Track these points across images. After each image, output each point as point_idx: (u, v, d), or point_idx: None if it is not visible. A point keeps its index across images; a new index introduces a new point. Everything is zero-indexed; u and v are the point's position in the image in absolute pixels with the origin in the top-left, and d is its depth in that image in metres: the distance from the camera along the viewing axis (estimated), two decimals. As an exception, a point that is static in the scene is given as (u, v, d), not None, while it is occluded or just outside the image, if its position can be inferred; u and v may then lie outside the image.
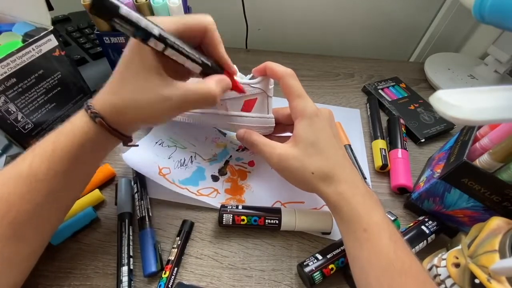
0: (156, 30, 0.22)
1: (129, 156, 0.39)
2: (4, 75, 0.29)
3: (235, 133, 0.37)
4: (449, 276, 0.26)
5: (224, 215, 0.34)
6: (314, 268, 0.31)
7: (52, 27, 0.33)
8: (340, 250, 0.32)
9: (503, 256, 0.23)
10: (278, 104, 0.38)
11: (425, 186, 0.35)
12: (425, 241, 0.33)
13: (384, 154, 0.43)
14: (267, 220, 0.34)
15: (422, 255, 0.31)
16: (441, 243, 0.34)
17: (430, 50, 0.68)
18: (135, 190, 0.37)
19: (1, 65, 0.29)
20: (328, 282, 0.32)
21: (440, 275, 0.28)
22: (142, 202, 0.36)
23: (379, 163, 0.42)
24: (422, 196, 0.36)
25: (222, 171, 0.41)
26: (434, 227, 0.34)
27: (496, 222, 0.26)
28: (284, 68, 0.32)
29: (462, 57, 0.63)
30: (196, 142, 0.44)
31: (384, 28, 0.69)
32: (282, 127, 0.38)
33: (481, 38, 0.63)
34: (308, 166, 0.29)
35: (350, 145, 0.44)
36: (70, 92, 0.37)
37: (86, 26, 0.58)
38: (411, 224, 0.35)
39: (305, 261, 0.32)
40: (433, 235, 0.34)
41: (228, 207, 0.35)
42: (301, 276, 0.33)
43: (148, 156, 0.42)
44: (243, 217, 0.34)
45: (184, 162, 0.42)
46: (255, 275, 0.33)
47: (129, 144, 0.29)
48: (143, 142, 0.43)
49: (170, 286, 0.30)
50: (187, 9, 0.42)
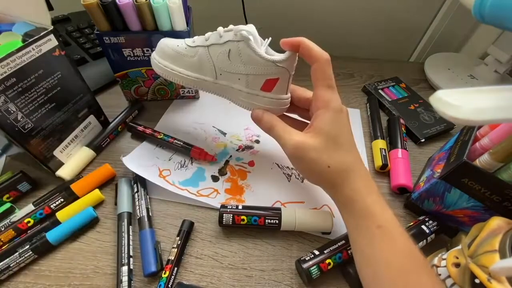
0: None
1: (129, 159, 0.39)
2: (4, 75, 0.29)
3: (249, 110, 0.35)
4: (449, 276, 0.26)
5: (224, 215, 0.34)
6: (311, 263, 0.31)
7: (52, 27, 0.33)
8: (337, 246, 0.32)
9: (503, 256, 0.23)
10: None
11: (425, 186, 0.35)
12: (425, 240, 0.34)
13: (384, 154, 0.43)
14: (267, 220, 0.34)
15: (422, 255, 0.31)
16: (441, 243, 0.34)
17: (430, 50, 0.68)
18: (135, 190, 0.37)
19: (1, 65, 0.29)
20: (327, 281, 0.32)
21: (440, 275, 0.28)
22: (142, 202, 0.36)
23: (379, 163, 0.42)
24: (422, 196, 0.36)
25: (222, 171, 0.41)
26: (434, 227, 0.34)
27: (496, 222, 0.26)
28: (321, 51, 0.30)
29: (462, 57, 0.63)
30: (196, 142, 0.44)
31: (384, 28, 0.69)
32: (292, 107, 0.36)
33: (481, 38, 0.63)
34: (326, 160, 0.29)
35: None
36: (70, 92, 0.37)
37: (86, 26, 0.58)
38: (411, 223, 0.35)
39: (302, 257, 0.32)
40: (433, 235, 0.34)
41: (228, 207, 0.35)
42: (299, 273, 0.33)
43: (148, 158, 0.42)
44: (243, 217, 0.34)
45: (184, 163, 0.42)
46: (255, 275, 0.33)
47: None
48: (143, 146, 0.44)
49: (170, 286, 0.30)
50: (187, 9, 0.42)
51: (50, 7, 0.48)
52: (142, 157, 0.42)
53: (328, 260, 0.31)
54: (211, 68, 0.34)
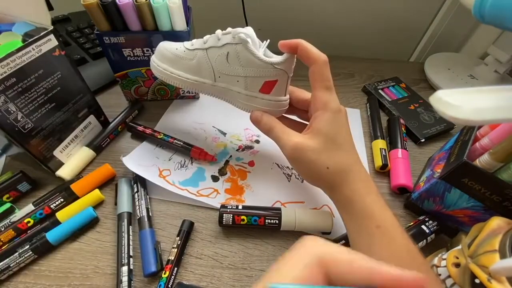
0: None
1: (129, 159, 0.39)
2: (4, 75, 0.29)
3: (247, 112, 0.36)
4: (449, 276, 0.26)
5: (224, 215, 0.34)
6: None
7: (52, 27, 0.33)
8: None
9: (503, 256, 0.22)
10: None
11: (425, 186, 0.35)
12: (425, 240, 0.34)
13: (384, 154, 0.43)
14: (267, 220, 0.34)
15: (422, 255, 0.31)
16: (441, 243, 0.34)
17: (430, 50, 0.68)
18: (135, 190, 0.37)
19: (1, 65, 0.29)
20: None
21: (440, 275, 0.28)
22: (142, 202, 0.36)
23: (379, 163, 0.42)
24: (422, 196, 0.36)
25: (222, 171, 0.41)
26: (434, 227, 0.34)
27: (496, 222, 0.26)
28: (319, 53, 0.30)
29: (462, 57, 0.63)
30: (196, 142, 0.44)
31: (384, 28, 0.69)
32: (291, 108, 0.36)
33: (481, 38, 0.63)
34: (324, 161, 0.29)
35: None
36: (70, 92, 0.37)
37: (86, 26, 0.58)
38: (411, 223, 0.35)
39: None
40: (433, 235, 0.34)
41: (228, 207, 0.35)
42: None
43: (148, 158, 0.42)
44: (243, 217, 0.34)
45: (184, 163, 0.42)
46: (255, 275, 0.33)
47: None
48: (143, 146, 0.44)
49: (170, 286, 0.30)
50: (187, 9, 0.42)
51: (50, 7, 0.48)
52: (142, 157, 0.42)
53: None
54: (209, 70, 0.34)
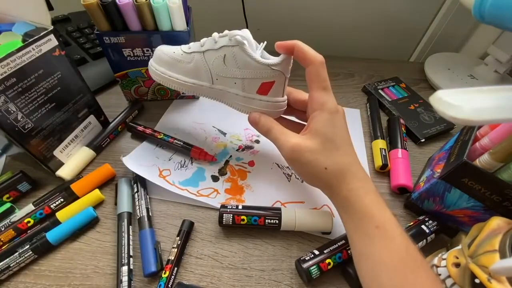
0: None
1: (129, 159, 0.39)
2: (4, 75, 0.29)
3: (246, 114, 0.36)
4: (449, 276, 0.26)
5: (224, 215, 0.34)
6: (311, 263, 0.31)
7: (52, 27, 0.33)
8: (337, 245, 0.33)
9: (503, 256, 0.23)
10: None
11: (425, 186, 0.35)
12: (424, 240, 0.34)
13: (384, 154, 0.43)
14: (267, 220, 0.34)
15: (422, 255, 0.31)
16: (441, 243, 0.34)
17: (430, 50, 0.68)
18: (135, 190, 0.37)
19: (1, 65, 0.29)
20: (327, 281, 0.32)
21: (440, 275, 0.28)
22: (142, 202, 0.36)
23: (379, 163, 0.42)
24: (422, 196, 0.36)
25: (222, 171, 0.41)
26: (434, 227, 0.34)
27: (497, 222, 0.26)
28: (315, 54, 0.30)
29: (462, 57, 0.63)
30: (196, 142, 0.44)
31: (384, 28, 0.69)
32: (290, 109, 0.36)
33: (481, 38, 0.63)
34: (322, 161, 0.29)
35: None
36: (70, 92, 0.37)
37: (86, 26, 0.58)
38: (411, 223, 0.35)
39: (302, 257, 0.32)
40: (433, 235, 0.34)
41: (228, 207, 0.35)
42: (299, 273, 0.33)
43: (148, 158, 0.42)
44: (243, 217, 0.34)
45: (184, 163, 0.42)
46: (255, 275, 0.33)
47: None
48: (143, 146, 0.44)
49: (170, 286, 0.30)
50: (187, 9, 0.42)
51: (50, 7, 0.48)
52: (142, 157, 0.42)
53: (328, 260, 0.31)
54: (207, 73, 0.35)
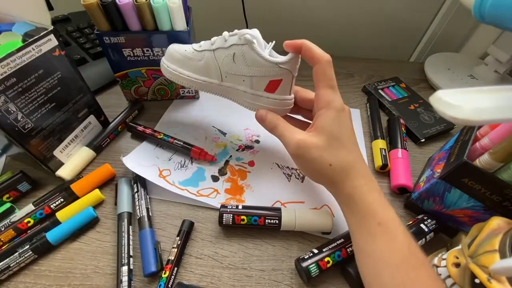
0: None
1: (129, 159, 0.39)
2: (4, 75, 0.29)
3: (253, 111, 0.36)
4: (449, 276, 0.26)
5: (224, 215, 0.34)
6: (310, 262, 0.31)
7: (52, 27, 0.33)
8: (336, 244, 0.33)
9: (503, 256, 0.23)
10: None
11: (425, 186, 0.35)
12: (424, 239, 0.34)
13: (384, 154, 0.43)
14: (267, 220, 0.34)
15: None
16: (441, 243, 0.34)
17: (430, 50, 0.68)
18: (135, 190, 0.37)
19: (1, 65, 0.29)
20: (327, 281, 0.32)
21: (440, 275, 0.28)
22: (142, 202, 0.36)
23: (379, 163, 0.42)
24: (422, 196, 0.36)
25: (222, 171, 0.41)
26: (433, 225, 0.34)
27: (496, 222, 0.26)
28: (323, 53, 0.31)
29: (462, 57, 0.63)
30: (196, 142, 0.44)
31: (384, 28, 0.69)
32: (297, 108, 0.37)
33: (481, 38, 0.63)
34: (327, 158, 0.29)
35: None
36: (70, 92, 0.37)
37: (86, 26, 0.58)
38: (410, 222, 0.35)
39: (301, 256, 0.32)
40: (432, 233, 0.34)
41: (228, 207, 0.35)
42: (299, 272, 0.33)
43: (148, 158, 0.42)
44: (243, 217, 0.34)
45: (184, 163, 0.42)
46: (255, 275, 0.33)
47: None
48: (143, 146, 0.44)
49: (170, 286, 0.30)
50: (187, 9, 0.42)
51: (50, 7, 0.48)
52: (142, 157, 0.42)
53: (327, 258, 0.31)
54: (217, 71, 0.35)
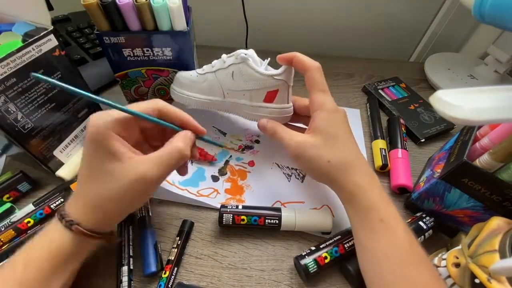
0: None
1: None
2: (4, 75, 0.29)
3: (255, 121, 0.39)
4: (449, 276, 0.26)
5: (224, 215, 0.34)
6: (307, 258, 0.31)
7: (52, 27, 0.33)
8: (332, 240, 0.33)
9: (503, 256, 0.23)
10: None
11: (425, 186, 0.35)
12: (422, 236, 0.34)
13: (384, 154, 0.43)
14: (267, 220, 0.34)
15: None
16: (441, 243, 0.34)
17: (430, 50, 0.68)
18: (135, 190, 0.37)
19: (1, 65, 0.29)
20: (327, 281, 0.32)
21: (440, 275, 0.28)
22: (142, 202, 0.36)
23: (379, 163, 0.42)
24: (422, 196, 0.36)
25: (222, 171, 0.41)
26: (431, 223, 0.35)
27: (496, 222, 0.26)
28: (312, 61, 0.33)
29: (462, 57, 0.63)
30: (196, 142, 0.43)
31: (384, 28, 0.69)
32: (297, 117, 0.39)
33: (481, 38, 0.63)
34: (325, 155, 0.30)
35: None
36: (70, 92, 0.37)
37: (86, 26, 0.58)
38: (409, 220, 0.36)
39: (300, 254, 0.32)
40: (430, 231, 0.34)
41: (228, 207, 0.35)
42: (298, 270, 0.33)
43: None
44: (243, 217, 0.34)
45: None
46: (255, 275, 0.33)
47: (109, 242, 0.28)
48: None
49: (170, 286, 0.30)
50: (187, 9, 0.42)
51: (50, 7, 0.48)
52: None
53: (324, 254, 0.32)
54: (219, 89, 0.39)
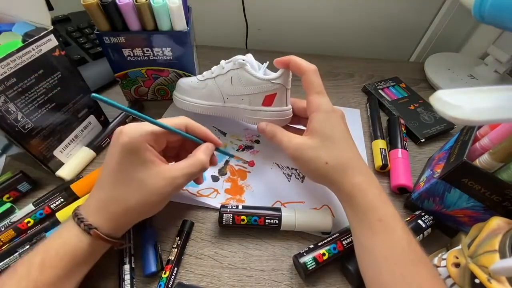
0: None
1: None
2: (4, 75, 0.29)
3: (255, 125, 0.40)
4: (449, 276, 0.26)
5: (224, 215, 0.34)
6: (306, 256, 0.31)
7: (52, 27, 0.33)
8: (330, 238, 0.33)
9: (503, 256, 0.23)
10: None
11: (425, 186, 0.35)
12: (421, 234, 0.34)
13: (384, 154, 0.43)
14: (267, 220, 0.34)
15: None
16: (441, 243, 0.34)
17: (430, 50, 0.68)
18: (135, 190, 0.37)
19: (1, 65, 0.29)
20: (327, 280, 0.32)
21: (440, 275, 0.28)
22: (142, 202, 0.36)
23: (379, 163, 0.42)
24: (422, 196, 0.36)
25: (222, 171, 0.41)
26: (430, 221, 0.35)
27: (496, 222, 0.26)
28: (308, 64, 0.33)
29: (462, 57, 0.63)
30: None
31: (384, 28, 0.69)
32: (297, 119, 0.40)
33: (481, 38, 0.63)
34: (322, 156, 0.30)
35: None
36: (70, 92, 0.37)
37: (86, 26, 0.58)
38: (408, 218, 0.36)
39: (299, 252, 0.32)
40: (429, 229, 0.34)
41: (228, 207, 0.35)
42: (297, 269, 0.33)
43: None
44: (243, 217, 0.34)
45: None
46: (255, 275, 0.33)
47: (119, 247, 0.30)
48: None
49: (170, 286, 0.30)
50: (187, 9, 0.42)
51: (50, 7, 0.48)
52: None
53: (322, 251, 0.32)
54: (219, 94, 0.40)
